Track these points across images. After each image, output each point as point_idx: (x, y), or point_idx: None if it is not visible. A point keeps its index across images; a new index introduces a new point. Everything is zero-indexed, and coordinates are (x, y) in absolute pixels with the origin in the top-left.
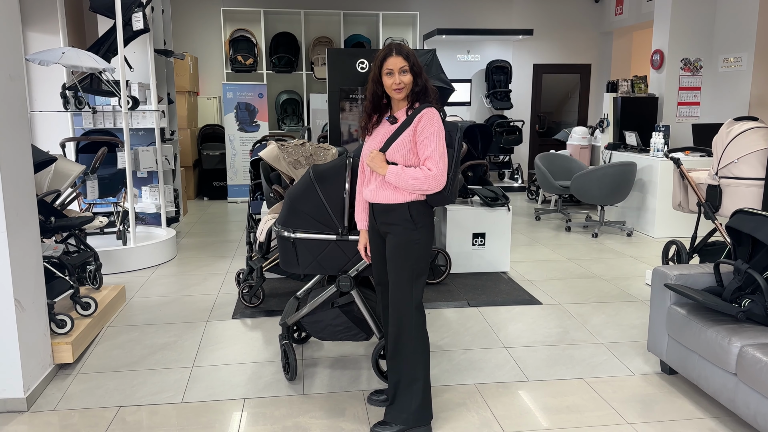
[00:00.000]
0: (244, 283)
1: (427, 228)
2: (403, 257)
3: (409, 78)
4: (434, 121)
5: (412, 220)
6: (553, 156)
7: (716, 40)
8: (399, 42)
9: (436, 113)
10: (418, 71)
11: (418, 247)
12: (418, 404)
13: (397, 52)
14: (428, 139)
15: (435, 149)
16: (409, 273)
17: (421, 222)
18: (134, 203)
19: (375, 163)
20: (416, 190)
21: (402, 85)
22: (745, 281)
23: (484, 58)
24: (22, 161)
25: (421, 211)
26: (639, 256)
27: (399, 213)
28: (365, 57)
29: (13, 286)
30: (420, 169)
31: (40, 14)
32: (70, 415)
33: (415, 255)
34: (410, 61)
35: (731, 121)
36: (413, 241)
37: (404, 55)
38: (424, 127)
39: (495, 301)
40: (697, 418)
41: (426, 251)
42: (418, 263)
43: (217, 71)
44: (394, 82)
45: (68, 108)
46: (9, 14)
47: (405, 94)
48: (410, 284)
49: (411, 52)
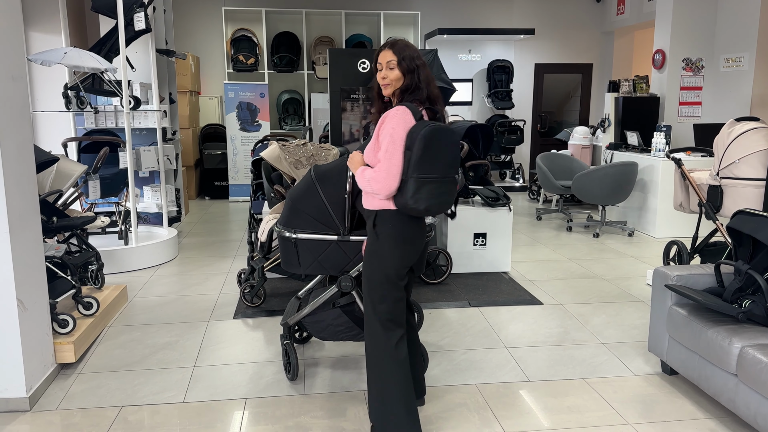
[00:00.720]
0: (245, 283)
1: (389, 241)
2: (366, 267)
3: (395, 74)
4: (393, 120)
5: (374, 230)
6: (555, 156)
7: (718, 39)
8: (401, 39)
9: (402, 111)
10: (410, 68)
11: (376, 260)
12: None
13: (390, 46)
14: (384, 140)
15: (384, 150)
16: (368, 286)
17: (382, 232)
18: (136, 203)
19: (351, 163)
20: (370, 192)
21: (387, 81)
22: (745, 282)
23: (486, 58)
24: (24, 161)
25: (385, 221)
26: (640, 256)
27: (370, 221)
28: (366, 57)
29: (16, 285)
30: (370, 170)
31: (42, 14)
32: (72, 415)
33: (372, 267)
34: (399, 56)
35: (732, 121)
36: (371, 253)
37: (395, 50)
38: (383, 128)
39: (496, 301)
40: (698, 419)
41: (383, 267)
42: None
43: (218, 71)
44: (381, 76)
45: (70, 108)
46: (11, 14)
47: (391, 91)
48: (371, 298)
49: (406, 48)
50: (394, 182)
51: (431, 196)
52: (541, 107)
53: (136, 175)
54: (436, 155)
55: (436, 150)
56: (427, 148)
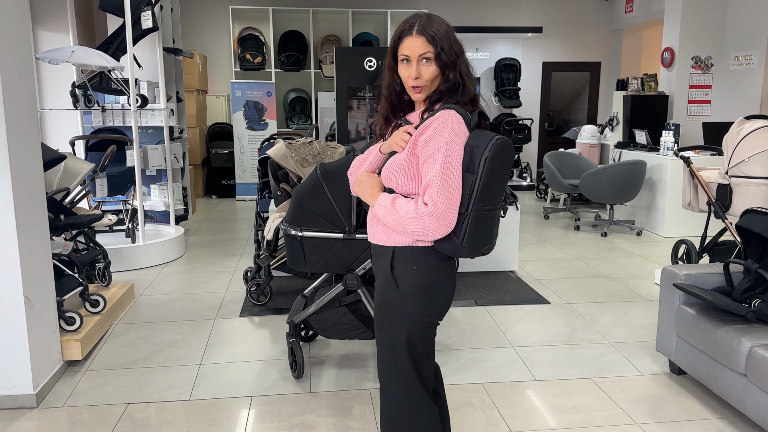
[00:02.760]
0: (251, 281)
1: (416, 291)
2: (384, 325)
3: (433, 71)
4: (444, 132)
5: (392, 274)
6: (562, 154)
7: (727, 37)
8: (426, 13)
9: (453, 119)
10: (451, 60)
11: (400, 317)
12: None
13: (419, 30)
14: (433, 157)
15: (437, 173)
16: (390, 349)
17: (405, 277)
18: (143, 201)
19: (362, 188)
20: (411, 233)
21: (422, 83)
22: (755, 281)
23: (493, 56)
24: (32, 159)
25: (407, 262)
26: (648, 255)
27: (383, 260)
28: (373, 55)
29: (23, 283)
30: (413, 202)
31: (50, 13)
32: (79, 412)
33: (396, 325)
34: (436, 45)
35: (742, 119)
36: (394, 307)
37: (428, 36)
38: (430, 140)
39: (503, 300)
40: (706, 419)
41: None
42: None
43: (225, 69)
44: (410, 75)
45: (78, 106)
46: (19, 13)
47: (426, 94)
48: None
49: (442, 31)
50: (455, 218)
51: (491, 234)
52: (548, 106)
53: (144, 174)
54: (503, 178)
55: (504, 172)
56: (497, 170)
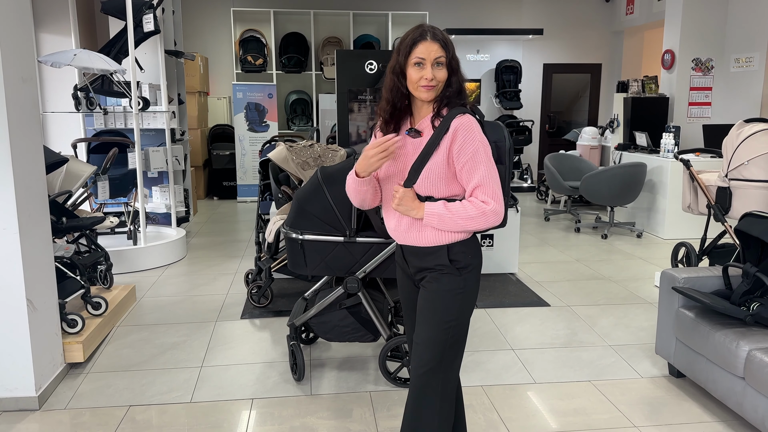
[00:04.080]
0: (252, 284)
1: (474, 272)
2: (439, 311)
3: (444, 74)
4: (475, 135)
5: (455, 264)
6: (563, 156)
7: (728, 40)
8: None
9: (473, 122)
10: (455, 68)
11: (461, 299)
12: None
13: (433, 36)
14: (472, 160)
15: (485, 173)
16: (443, 334)
17: (466, 264)
18: (145, 203)
19: (406, 205)
20: (470, 230)
21: (435, 83)
22: (753, 285)
23: (494, 58)
24: (34, 162)
25: (464, 252)
26: (648, 257)
27: (438, 255)
28: (373, 58)
29: (26, 286)
30: (471, 204)
31: (52, 16)
32: (81, 414)
33: (455, 308)
34: (449, 51)
35: (742, 122)
36: (455, 291)
37: (442, 43)
38: (464, 146)
39: (503, 302)
40: (705, 422)
41: (470, 304)
42: (458, 320)
43: (227, 71)
44: (424, 77)
45: (80, 109)
46: (21, 16)
47: (435, 95)
48: (442, 348)
49: (449, 41)
50: (504, 209)
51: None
52: (549, 107)
53: (145, 176)
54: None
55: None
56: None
